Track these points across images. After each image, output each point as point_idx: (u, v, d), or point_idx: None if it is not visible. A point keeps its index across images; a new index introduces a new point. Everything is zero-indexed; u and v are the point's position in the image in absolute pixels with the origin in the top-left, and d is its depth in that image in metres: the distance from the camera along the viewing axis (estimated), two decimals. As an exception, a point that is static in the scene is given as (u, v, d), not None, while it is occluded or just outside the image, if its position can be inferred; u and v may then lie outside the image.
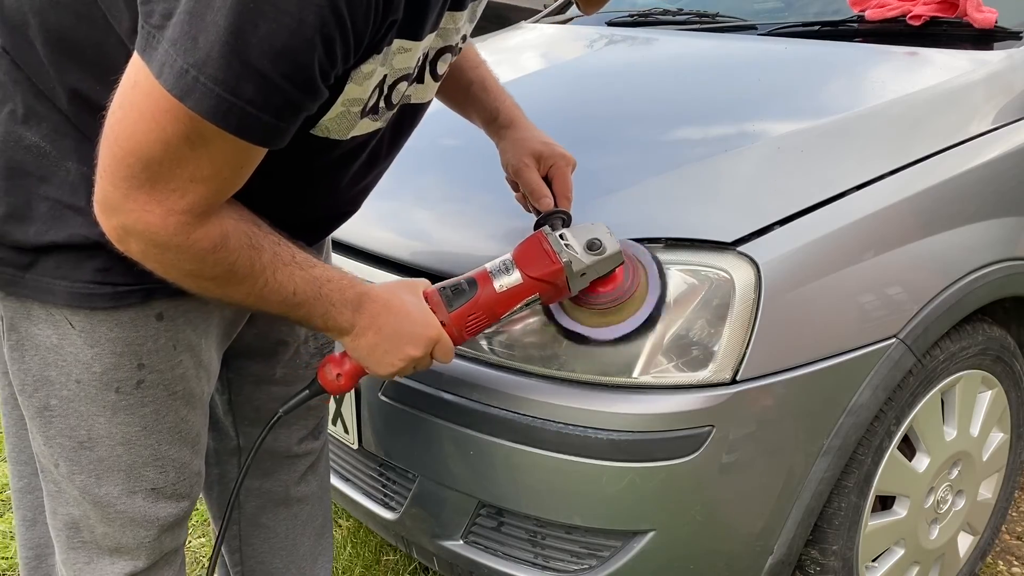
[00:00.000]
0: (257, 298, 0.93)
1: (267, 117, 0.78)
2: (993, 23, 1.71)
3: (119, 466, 1.05)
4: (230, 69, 0.74)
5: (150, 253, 0.86)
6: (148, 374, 1.03)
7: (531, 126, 1.32)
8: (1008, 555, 1.98)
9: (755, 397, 1.23)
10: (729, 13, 2.20)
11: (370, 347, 1.04)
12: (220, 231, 0.86)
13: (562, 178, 1.28)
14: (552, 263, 1.12)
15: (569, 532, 1.32)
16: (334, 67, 0.81)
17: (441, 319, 1.08)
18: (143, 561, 1.12)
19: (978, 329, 1.51)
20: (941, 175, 1.41)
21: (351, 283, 1.01)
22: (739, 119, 1.54)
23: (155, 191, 0.81)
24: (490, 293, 1.10)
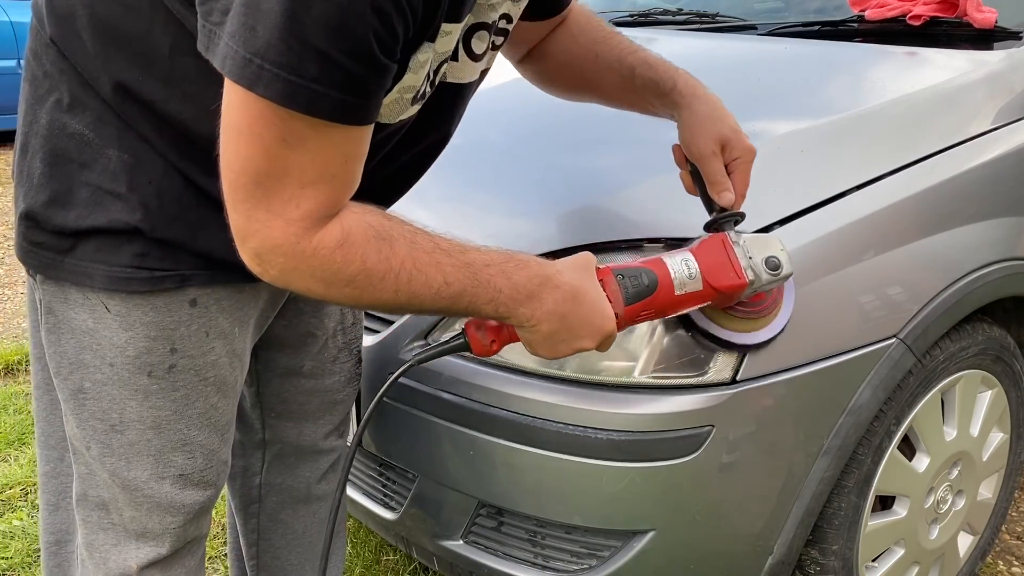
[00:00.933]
0: (408, 296, 0.90)
1: (335, 93, 0.79)
2: (993, 23, 1.71)
3: (148, 450, 1.06)
4: (291, 52, 0.76)
5: (287, 269, 0.86)
6: (180, 359, 1.04)
7: (716, 101, 1.19)
8: (1008, 555, 1.98)
9: (755, 397, 1.23)
10: (729, 13, 2.20)
11: (546, 335, 0.99)
12: (340, 227, 0.86)
13: (743, 174, 1.17)
14: (738, 277, 1.08)
15: (569, 532, 1.32)
16: (396, 41, 0.81)
17: (616, 311, 1.01)
18: (166, 548, 1.12)
19: (978, 329, 1.51)
20: (941, 175, 1.41)
21: (522, 264, 0.95)
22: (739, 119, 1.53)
23: (272, 206, 0.83)
24: (668, 295, 1.05)
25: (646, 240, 1.26)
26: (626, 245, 1.27)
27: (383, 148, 1.02)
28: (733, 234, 1.11)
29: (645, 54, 1.25)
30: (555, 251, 1.28)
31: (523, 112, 1.76)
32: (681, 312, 1.11)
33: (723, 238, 1.10)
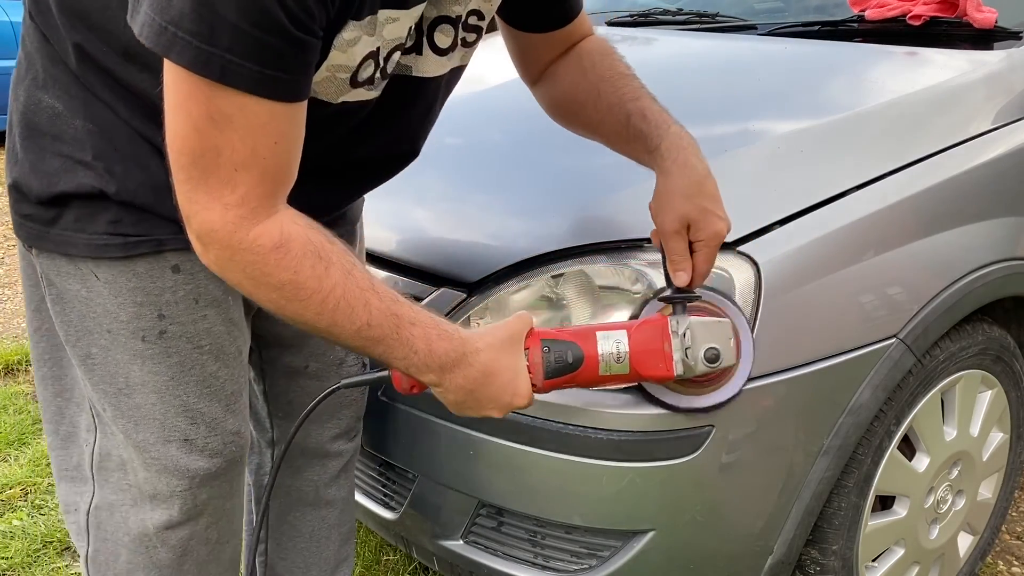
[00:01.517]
0: (328, 321, 0.92)
1: (251, 64, 0.81)
2: (993, 23, 1.71)
3: (154, 414, 1.09)
4: (203, 21, 0.78)
5: (222, 259, 0.89)
6: (170, 325, 1.06)
7: (698, 175, 1.14)
8: (1008, 555, 1.98)
9: (755, 397, 1.23)
10: (729, 13, 2.20)
11: (452, 402, 1.03)
12: (280, 231, 0.88)
13: (706, 256, 1.13)
14: (666, 370, 1.07)
15: (569, 532, 1.32)
16: (311, 17, 0.83)
17: (535, 382, 1.04)
18: (177, 512, 1.13)
19: (978, 329, 1.51)
20: (941, 175, 1.41)
21: (445, 336, 0.97)
22: (739, 119, 1.54)
23: (209, 188, 0.85)
24: (592, 375, 1.06)
25: (646, 240, 1.26)
26: (626, 245, 1.27)
27: (332, 129, 1.03)
28: (675, 321, 1.08)
29: (645, 104, 1.21)
30: (555, 251, 1.28)
31: (523, 112, 1.75)
32: (611, 387, 1.12)
33: (664, 324, 1.08)
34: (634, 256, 1.26)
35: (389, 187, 1.63)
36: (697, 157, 1.16)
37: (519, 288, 1.30)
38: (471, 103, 1.75)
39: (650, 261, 1.25)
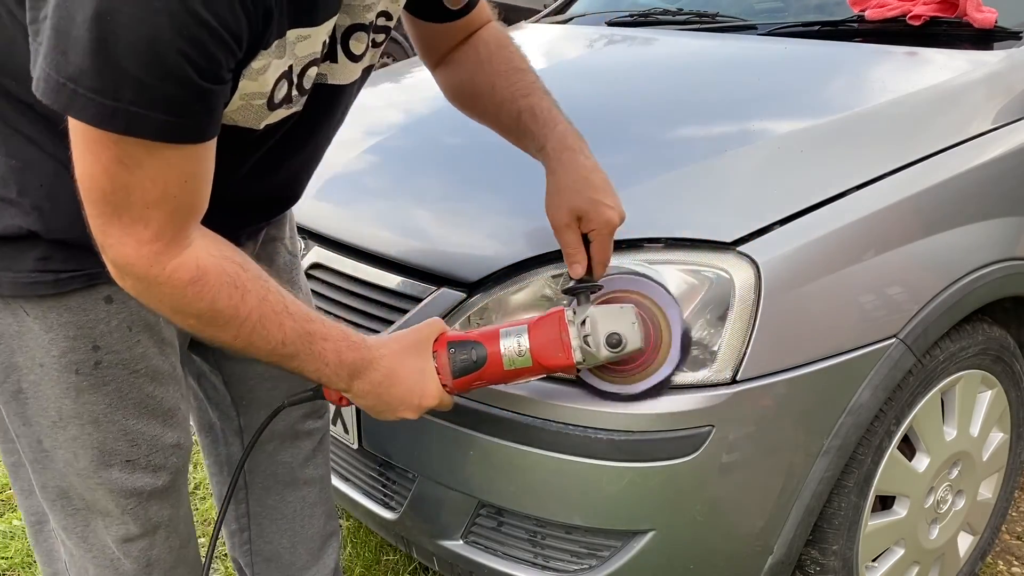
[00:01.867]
0: (244, 343, 0.96)
1: (157, 114, 0.80)
2: (993, 23, 1.71)
3: (91, 443, 1.09)
4: (104, 78, 0.77)
5: (139, 289, 0.91)
6: (105, 355, 1.06)
7: (582, 168, 1.18)
8: (1008, 555, 1.98)
9: (755, 397, 1.23)
10: (729, 13, 2.20)
11: (368, 406, 1.09)
12: (196, 264, 0.90)
13: (601, 245, 1.18)
14: (565, 358, 1.10)
15: (569, 532, 1.32)
16: (218, 66, 0.82)
17: (444, 382, 1.10)
18: (133, 527, 1.15)
19: (978, 329, 1.51)
20: (941, 175, 1.41)
21: (353, 346, 1.02)
22: (739, 119, 1.54)
23: (122, 223, 0.86)
24: (497, 369, 1.11)
25: (646, 240, 1.26)
26: (625, 245, 1.27)
27: (257, 150, 1.04)
28: (572, 312, 1.12)
29: (535, 101, 1.23)
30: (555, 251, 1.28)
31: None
32: (520, 382, 1.16)
33: (560, 315, 1.12)
34: (634, 256, 1.26)
35: (389, 187, 1.64)
36: (583, 154, 1.19)
37: (519, 288, 1.30)
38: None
39: (650, 260, 1.25)
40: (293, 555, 1.45)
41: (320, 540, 1.47)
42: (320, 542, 1.47)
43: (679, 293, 1.22)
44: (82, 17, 0.75)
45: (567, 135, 1.21)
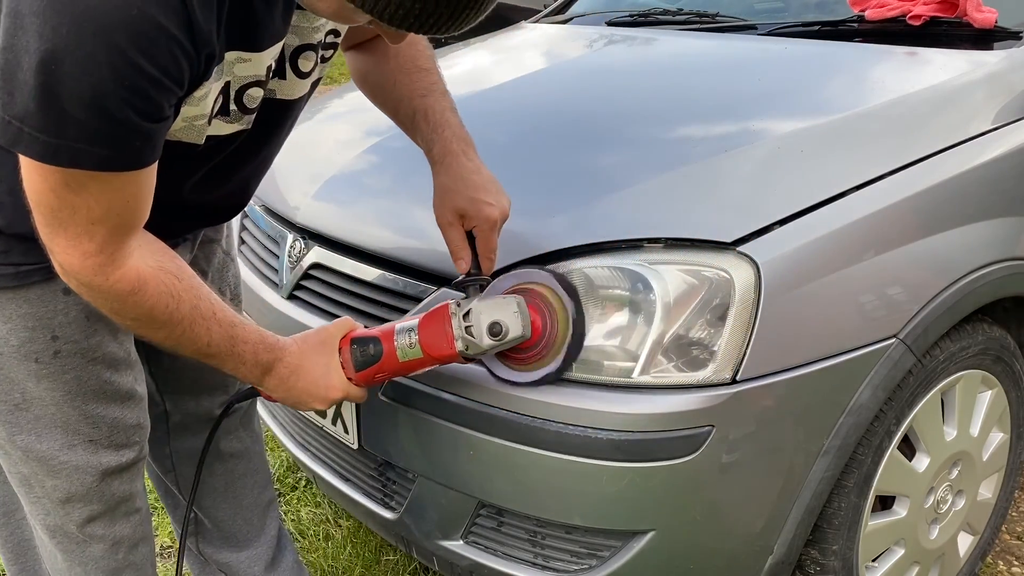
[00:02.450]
0: (174, 343, 1.04)
1: (99, 149, 0.85)
2: (993, 23, 1.71)
3: (55, 423, 1.15)
4: (48, 118, 0.81)
5: (82, 291, 0.97)
6: (63, 344, 1.11)
7: (464, 170, 1.24)
8: (1008, 555, 1.98)
9: (755, 397, 1.23)
10: (729, 13, 2.20)
11: (282, 399, 1.19)
12: (137, 276, 0.96)
13: (484, 240, 1.24)
14: (448, 347, 1.19)
15: (569, 532, 1.32)
16: (159, 108, 0.87)
17: (349, 376, 1.20)
18: (98, 505, 1.22)
19: (978, 329, 1.51)
20: (941, 175, 1.41)
21: (268, 348, 1.13)
22: (739, 119, 1.54)
23: (68, 235, 0.91)
24: (392, 361, 1.20)
25: (646, 240, 1.26)
26: (626, 245, 1.27)
27: (208, 162, 1.10)
28: (455, 305, 1.20)
29: (431, 102, 1.28)
30: (554, 252, 1.28)
31: (523, 112, 1.76)
32: (415, 372, 1.24)
33: (445, 309, 1.20)
34: (634, 256, 1.26)
35: (389, 187, 1.64)
36: (466, 156, 1.26)
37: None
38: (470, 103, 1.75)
39: (650, 261, 1.25)
40: (233, 526, 1.53)
41: (259, 509, 1.55)
42: (259, 511, 1.55)
43: (679, 293, 1.22)
44: (28, 63, 0.79)
45: (452, 140, 1.27)
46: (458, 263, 1.25)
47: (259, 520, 1.56)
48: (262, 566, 1.57)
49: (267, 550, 1.57)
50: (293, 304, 1.59)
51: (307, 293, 1.59)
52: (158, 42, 0.82)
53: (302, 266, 1.60)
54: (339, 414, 1.52)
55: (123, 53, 0.80)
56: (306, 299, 1.59)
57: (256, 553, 1.56)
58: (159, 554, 2.06)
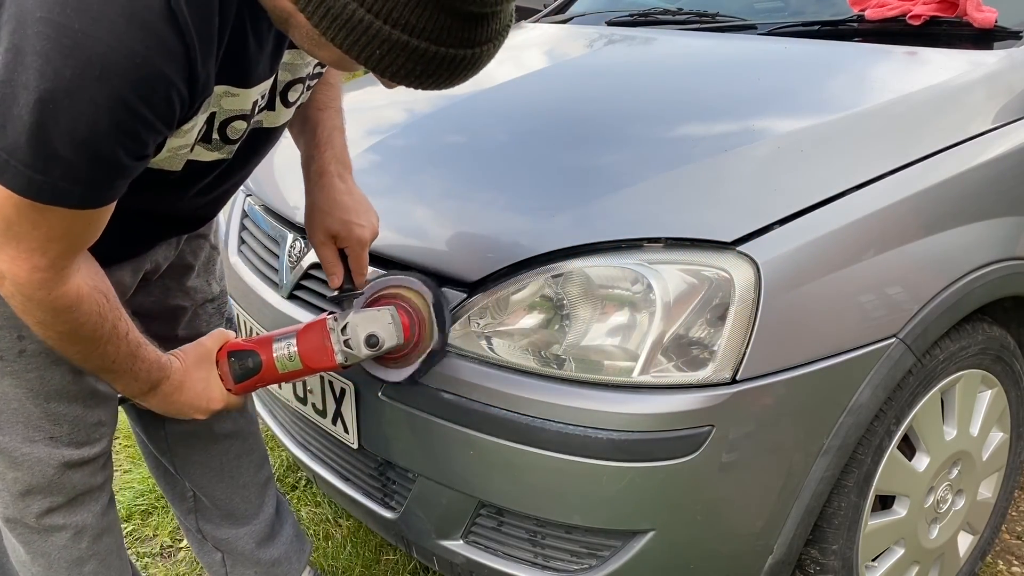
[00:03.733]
0: (83, 358, 1.07)
1: (79, 189, 0.88)
2: (993, 23, 1.71)
3: (16, 420, 1.18)
4: (37, 155, 0.83)
5: (16, 299, 0.97)
6: (28, 344, 1.13)
7: (336, 192, 1.31)
8: (1008, 555, 1.98)
9: (755, 397, 1.23)
10: (729, 13, 2.20)
11: (162, 411, 1.22)
12: (77, 294, 0.98)
13: (355, 259, 1.32)
14: (328, 359, 1.24)
15: (569, 532, 1.32)
16: (145, 147, 0.90)
17: (228, 387, 1.24)
18: (59, 497, 1.24)
19: (978, 329, 1.51)
20: (941, 175, 1.41)
21: (160, 367, 1.16)
22: (739, 119, 1.54)
23: (20, 247, 0.91)
24: (272, 372, 1.25)
25: (646, 240, 1.26)
26: (626, 245, 1.27)
27: (193, 186, 1.14)
28: (333, 319, 1.25)
29: (324, 117, 1.32)
30: (555, 251, 1.28)
31: (523, 112, 1.76)
32: (299, 380, 1.31)
33: (323, 323, 1.26)
34: (634, 255, 1.26)
35: (390, 186, 1.64)
36: (340, 177, 1.32)
37: (519, 288, 1.30)
38: (470, 103, 1.75)
39: (650, 260, 1.25)
40: (231, 504, 1.56)
41: (256, 487, 1.58)
42: (257, 489, 1.58)
43: (679, 293, 1.22)
44: (25, 100, 0.80)
45: (331, 161, 1.32)
46: (331, 278, 1.32)
47: (257, 498, 1.58)
48: (258, 540, 1.60)
49: (265, 526, 1.60)
50: (293, 304, 1.59)
51: (307, 293, 1.59)
52: (158, 89, 0.85)
53: (302, 266, 1.59)
54: (339, 413, 1.52)
55: (123, 99, 0.82)
56: (306, 299, 1.59)
57: (254, 529, 1.59)
58: (159, 554, 2.06)
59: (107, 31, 0.79)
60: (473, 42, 0.87)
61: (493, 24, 0.88)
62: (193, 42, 0.86)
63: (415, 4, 0.82)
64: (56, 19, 0.78)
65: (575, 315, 1.27)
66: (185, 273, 1.40)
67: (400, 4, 0.81)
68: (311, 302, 1.57)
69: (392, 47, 0.84)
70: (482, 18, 0.86)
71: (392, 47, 0.84)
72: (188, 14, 0.84)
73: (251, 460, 1.57)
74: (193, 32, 0.85)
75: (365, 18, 0.82)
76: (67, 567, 1.29)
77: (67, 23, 0.78)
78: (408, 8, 0.82)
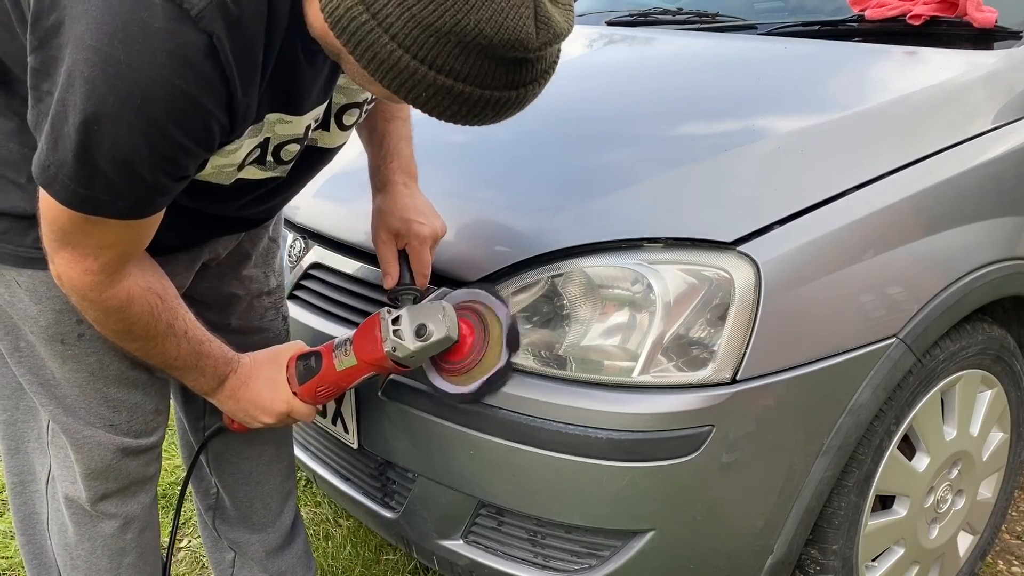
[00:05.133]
0: (144, 353, 1.12)
1: (122, 203, 0.93)
2: (993, 23, 1.71)
3: (78, 404, 1.21)
4: (82, 171, 0.89)
5: (73, 298, 1.04)
6: (87, 328, 1.15)
7: (400, 197, 1.34)
8: (1008, 555, 1.98)
9: (755, 397, 1.23)
10: (729, 13, 2.20)
11: (231, 411, 1.26)
12: (127, 295, 1.03)
13: (417, 256, 1.33)
14: (377, 350, 1.23)
15: (569, 532, 1.32)
16: (186, 169, 0.95)
17: (294, 390, 1.25)
18: (113, 483, 1.27)
19: (978, 329, 1.51)
20: (941, 175, 1.41)
21: (227, 361, 1.20)
22: (739, 119, 1.54)
23: (74, 253, 0.98)
24: (331, 371, 1.25)
25: (646, 240, 1.26)
26: (626, 245, 1.27)
27: (244, 197, 1.16)
28: (387, 311, 1.25)
29: (392, 128, 1.36)
30: (555, 251, 1.28)
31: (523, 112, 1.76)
32: (356, 383, 1.27)
33: (376, 316, 1.25)
34: (634, 255, 1.26)
35: (389, 187, 1.64)
36: (405, 186, 1.35)
37: (519, 288, 1.30)
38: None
39: (650, 260, 1.25)
40: (251, 509, 1.57)
41: (278, 498, 1.58)
42: (278, 500, 1.58)
43: (679, 293, 1.22)
44: (73, 120, 0.86)
45: (397, 171, 1.36)
46: (386, 278, 1.33)
47: (277, 507, 1.59)
48: (270, 549, 1.60)
49: (279, 536, 1.60)
50: (293, 304, 1.59)
51: (307, 293, 1.59)
52: (195, 118, 0.89)
53: (302, 266, 1.60)
54: (339, 413, 1.52)
55: (161, 126, 0.87)
56: (306, 299, 1.59)
57: (268, 537, 1.60)
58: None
59: (149, 64, 0.84)
60: (517, 84, 0.90)
61: (538, 66, 0.91)
62: (233, 76, 0.90)
63: (459, 52, 0.84)
64: (104, 49, 0.83)
65: (575, 315, 1.27)
66: (242, 261, 1.41)
67: (445, 51, 0.84)
68: (311, 302, 1.57)
69: (438, 91, 0.87)
70: (526, 63, 0.88)
71: (438, 91, 0.87)
72: (230, 51, 0.88)
73: (280, 469, 1.57)
74: (234, 67, 0.89)
75: (411, 64, 0.85)
76: (109, 556, 1.32)
77: (114, 54, 0.83)
78: (452, 55, 0.84)
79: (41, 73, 0.88)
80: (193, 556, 2.04)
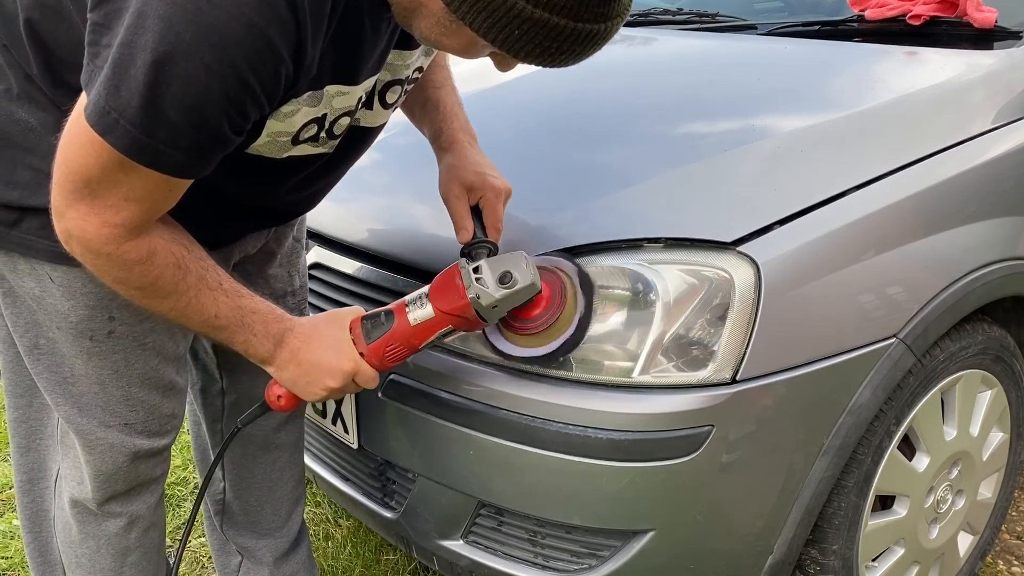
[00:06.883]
0: (179, 314, 1.04)
1: (179, 156, 0.89)
2: (993, 23, 1.71)
3: (96, 402, 1.19)
4: (146, 116, 0.85)
5: (87, 257, 0.98)
6: (118, 326, 1.15)
7: (469, 153, 1.32)
8: (1008, 555, 1.98)
9: (755, 397, 1.23)
10: (729, 13, 2.20)
11: (293, 378, 1.15)
12: (148, 247, 0.97)
13: (491, 209, 1.29)
14: (460, 298, 1.15)
15: (569, 532, 1.32)
16: (247, 120, 0.92)
17: (360, 350, 1.15)
18: (121, 485, 1.27)
19: (978, 329, 1.51)
20: (941, 175, 1.41)
21: (278, 318, 1.12)
22: (739, 119, 1.54)
23: (94, 205, 0.93)
24: (405, 326, 1.16)
25: (646, 240, 1.26)
26: (626, 245, 1.27)
27: (292, 177, 1.14)
28: (465, 261, 1.19)
29: (443, 95, 1.35)
30: (553, 251, 1.28)
31: (523, 112, 1.76)
32: (429, 341, 1.18)
33: (454, 267, 1.18)
34: (634, 255, 1.26)
35: (389, 185, 1.64)
36: (470, 145, 1.33)
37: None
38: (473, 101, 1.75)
39: (650, 260, 1.25)
40: (261, 514, 1.57)
41: (288, 504, 1.58)
42: (288, 506, 1.58)
43: (679, 293, 1.22)
44: (142, 60, 0.82)
45: (459, 131, 1.34)
46: (460, 232, 1.28)
47: (286, 513, 1.59)
48: (277, 555, 1.61)
49: (285, 542, 1.61)
50: (293, 304, 1.59)
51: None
52: (268, 61, 0.87)
53: (302, 266, 1.59)
54: (339, 413, 1.52)
55: (236, 67, 0.85)
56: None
57: (275, 543, 1.60)
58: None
59: (231, 2, 0.82)
60: (606, 16, 0.89)
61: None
62: (306, 20, 0.88)
63: None
64: None
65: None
66: (267, 260, 1.41)
67: None
68: (311, 302, 1.57)
69: (532, 26, 0.86)
70: None
71: (532, 26, 0.86)
72: None
73: (292, 475, 1.58)
74: (308, 12, 0.88)
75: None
76: (112, 555, 1.32)
77: None
78: None
79: (102, 27, 0.86)
80: (193, 556, 2.04)
